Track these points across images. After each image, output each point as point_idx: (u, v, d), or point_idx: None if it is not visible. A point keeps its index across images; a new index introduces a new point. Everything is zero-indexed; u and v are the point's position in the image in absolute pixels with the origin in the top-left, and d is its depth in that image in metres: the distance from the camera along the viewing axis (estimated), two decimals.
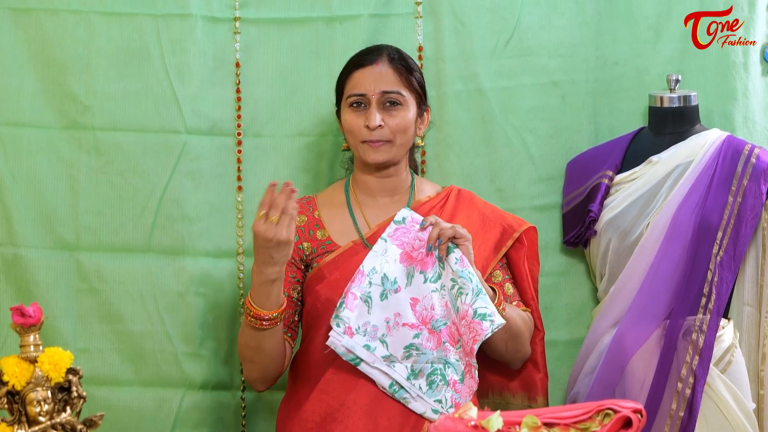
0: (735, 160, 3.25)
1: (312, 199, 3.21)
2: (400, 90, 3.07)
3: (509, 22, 3.46)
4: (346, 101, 3.09)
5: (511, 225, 3.18)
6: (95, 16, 3.37)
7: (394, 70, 3.08)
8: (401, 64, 3.11)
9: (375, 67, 3.08)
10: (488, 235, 3.15)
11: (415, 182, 3.20)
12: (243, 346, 3.03)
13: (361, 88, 3.06)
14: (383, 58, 3.10)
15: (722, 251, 3.19)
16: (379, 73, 3.07)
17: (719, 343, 3.19)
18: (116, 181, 3.38)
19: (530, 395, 3.24)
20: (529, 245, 3.20)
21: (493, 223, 3.17)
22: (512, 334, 3.05)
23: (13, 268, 3.37)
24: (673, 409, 3.16)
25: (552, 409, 2.39)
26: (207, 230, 3.40)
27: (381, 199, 3.16)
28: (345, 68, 3.15)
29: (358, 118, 3.06)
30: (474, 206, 3.19)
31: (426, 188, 3.23)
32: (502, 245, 3.15)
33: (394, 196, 3.16)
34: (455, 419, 2.37)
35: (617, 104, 3.51)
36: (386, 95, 3.05)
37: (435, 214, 3.11)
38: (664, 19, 3.48)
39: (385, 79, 3.06)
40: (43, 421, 2.53)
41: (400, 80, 3.08)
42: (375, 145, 3.06)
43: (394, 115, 3.06)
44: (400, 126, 3.06)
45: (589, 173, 3.41)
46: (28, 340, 2.55)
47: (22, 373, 2.52)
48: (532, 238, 3.21)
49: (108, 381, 3.37)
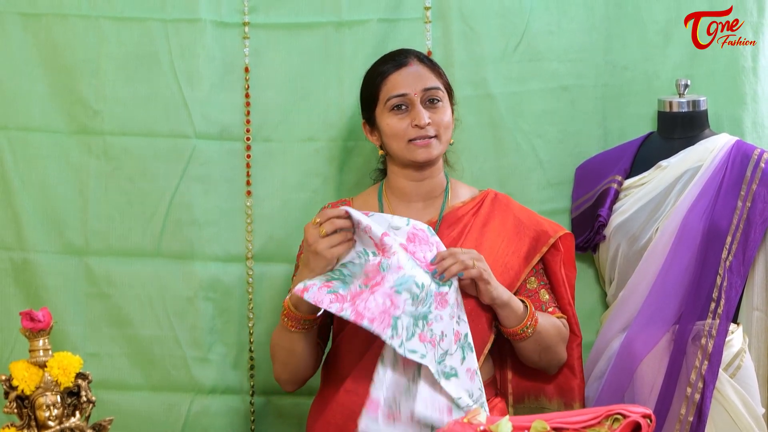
0: (744, 165, 3.24)
1: (348, 202, 3.20)
2: (438, 85, 3.06)
3: (518, 27, 3.46)
4: (386, 105, 3.05)
5: (546, 231, 3.14)
6: (105, 21, 3.37)
7: (428, 67, 3.08)
8: (431, 62, 3.11)
9: (410, 68, 3.06)
10: (521, 242, 3.10)
11: (449, 186, 3.18)
12: (276, 346, 3.02)
13: (401, 88, 3.04)
14: (413, 58, 3.09)
15: (731, 256, 3.19)
16: (417, 72, 3.06)
17: (728, 348, 3.19)
18: (125, 185, 3.39)
19: (566, 401, 3.20)
20: (565, 251, 3.16)
21: (528, 229, 3.13)
22: (545, 345, 3.03)
23: (22, 272, 3.38)
24: (683, 414, 3.15)
25: (561, 414, 2.39)
26: (216, 235, 3.41)
27: (415, 204, 3.13)
28: (373, 76, 3.10)
29: (402, 120, 3.04)
30: (510, 211, 3.15)
31: (461, 192, 3.19)
32: (536, 252, 3.11)
33: (428, 200, 3.14)
34: (464, 424, 2.37)
35: (626, 109, 3.51)
36: (428, 92, 3.04)
37: (468, 219, 3.10)
38: (673, 23, 3.48)
39: (423, 77, 3.05)
40: (52, 425, 2.53)
41: (436, 76, 3.08)
42: (423, 143, 3.03)
43: (437, 111, 3.04)
44: (444, 121, 3.05)
45: (598, 178, 3.41)
46: (37, 344, 2.55)
47: (31, 377, 2.53)
48: (568, 244, 3.17)
49: (117, 385, 3.38)
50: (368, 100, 3.12)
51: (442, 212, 3.11)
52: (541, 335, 2.99)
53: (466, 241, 3.05)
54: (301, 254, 3.08)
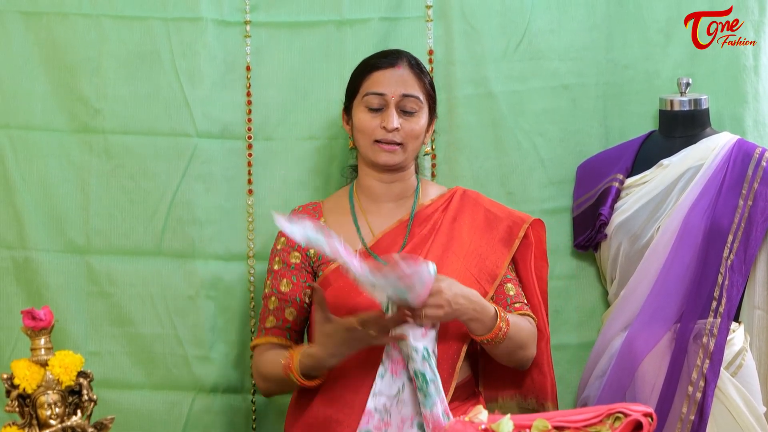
0: (745, 164, 3.24)
1: (318, 205, 3.21)
2: (418, 95, 3.07)
3: (520, 26, 3.46)
4: (362, 100, 3.08)
5: (520, 217, 3.16)
6: (106, 20, 3.37)
7: (415, 75, 3.09)
8: (420, 71, 3.11)
9: (396, 70, 3.08)
10: (494, 231, 3.12)
11: (420, 186, 3.20)
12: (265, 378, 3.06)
13: (381, 87, 3.06)
14: (403, 62, 3.10)
15: (733, 255, 3.19)
16: (401, 76, 3.07)
17: (730, 347, 3.19)
18: (127, 184, 3.39)
19: (539, 399, 3.22)
20: (536, 242, 3.17)
21: (499, 219, 3.14)
22: (516, 348, 3.03)
23: (24, 271, 3.38)
24: (684, 413, 3.15)
25: (562, 413, 2.39)
26: (218, 233, 3.41)
27: (386, 205, 3.15)
28: (362, 67, 3.14)
29: (374, 119, 3.05)
30: (479, 205, 3.17)
31: (431, 191, 3.21)
32: (513, 238, 3.12)
33: (398, 200, 3.16)
34: (465, 423, 2.36)
35: (627, 107, 3.51)
36: (405, 99, 3.05)
37: (438, 216, 3.11)
38: (674, 22, 3.48)
39: (406, 83, 3.07)
40: (53, 424, 2.53)
41: (419, 85, 3.08)
42: (388, 147, 3.06)
43: (410, 120, 3.05)
44: (413, 132, 3.06)
45: (599, 176, 3.41)
46: (38, 343, 2.55)
47: (32, 376, 2.53)
48: (539, 234, 3.18)
49: (119, 384, 3.38)
50: (351, 89, 3.15)
51: (413, 212, 3.11)
52: (512, 340, 2.98)
53: (437, 238, 3.07)
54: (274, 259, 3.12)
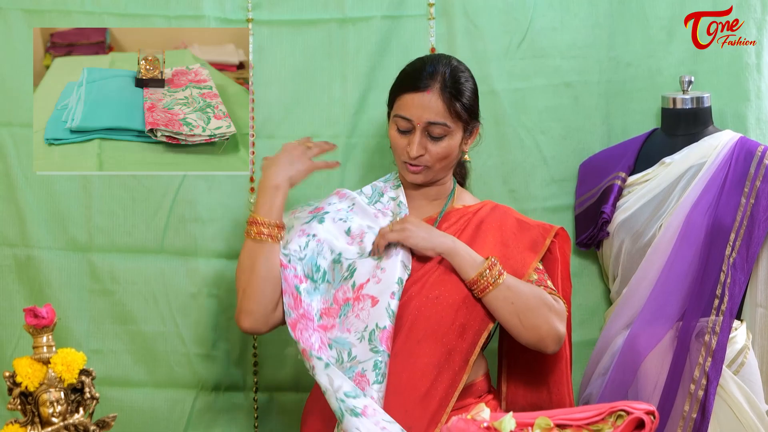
0: (748, 162, 3.24)
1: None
2: (446, 122, 3.00)
3: (522, 24, 3.46)
4: (393, 119, 3.05)
5: (549, 225, 3.12)
6: (109, 18, 3.37)
7: (444, 100, 3.00)
8: (452, 92, 3.01)
9: (425, 95, 2.99)
10: (522, 238, 3.08)
11: (455, 191, 3.18)
12: (239, 271, 3.03)
13: (407, 112, 3.01)
14: (436, 84, 3.00)
15: (735, 253, 3.19)
16: (428, 103, 2.99)
17: (732, 345, 3.19)
18: (129, 182, 3.39)
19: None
20: (562, 259, 3.12)
21: (529, 226, 3.11)
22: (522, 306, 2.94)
23: (26, 269, 3.38)
24: (686, 411, 3.15)
25: (565, 411, 2.39)
26: (220, 231, 3.41)
27: (418, 201, 3.14)
28: (398, 82, 3.08)
29: (402, 139, 3.03)
30: (509, 215, 3.13)
31: (465, 198, 3.19)
32: (540, 245, 3.08)
33: (432, 201, 3.15)
34: (468, 420, 2.37)
35: (630, 105, 3.51)
36: (431, 126, 2.99)
37: (465, 219, 3.09)
38: (676, 20, 3.48)
39: (433, 111, 2.99)
40: (56, 422, 2.54)
41: (449, 112, 3.00)
42: (413, 169, 3.05)
43: (438, 143, 3.01)
44: (440, 155, 3.02)
45: (601, 174, 3.41)
46: (41, 341, 2.56)
47: (35, 374, 2.53)
48: (564, 250, 3.13)
49: (121, 382, 3.38)
50: (389, 98, 3.11)
51: (443, 211, 3.11)
52: (512, 291, 2.93)
53: (462, 237, 3.04)
54: None
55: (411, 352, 2.94)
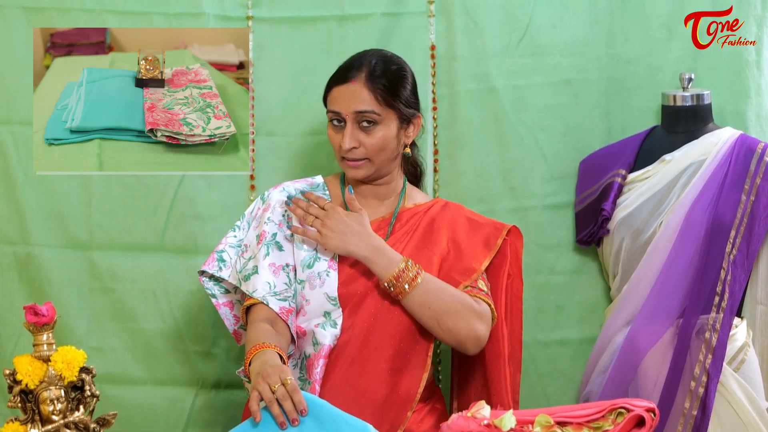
0: (748, 159, 3.24)
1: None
2: (374, 110, 2.95)
3: (522, 21, 3.46)
4: (328, 116, 3.01)
5: (501, 223, 3.09)
6: (108, 15, 3.38)
7: (369, 89, 2.95)
8: (380, 82, 2.97)
9: (350, 86, 2.96)
10: (475, 235, 3.06)
11: (406, 190, 3.14)
12: None
13: (336, 105, 2.97)
14: (361, 74, 2.97)
15: (735, 250, 3.19)
16: (353, 93, 2.95)
17: (732, 342, 3.19)
18: (129, 180, 3.39)
19: None
20: (512, 257, 3.09)
21: (480, 224, 3.08)
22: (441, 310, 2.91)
23: (26, 267, 3.39)
24: (687, 408, 3.15)
25: (565, 408, 2.39)
26: (220, 229, 3.40)
27: (370, 200, 3.10)
28: (330, 79, 3.05)
29: (337, 135, 2.99)
30: (460, 213, 3.11)
31: (416, 197, 3.16)
32: (494, 242, 3.05)
33: (383, 200, 3.11)
34: (468, 418, 2.37)
35: (630, 103, 3.51)
36: (360, 115, 2.95)
37: (417, 218, 3.07)
38: (676, 17, 3.48)
39: (358, 99, 2.95)
40: (56, 419, 2.54)
41: (376, 99, 2.95)
42: (352, 164, 2.99)
43: (371, 133, 2.96)
44: (376, 145, 2.97)
45: (601, 172, 3.41)
46: (41, 339, 2.56)
47: (35, 372, 2.53)
48: (516, 248, 3.10)
49: (121, 380, 3.39)
50: (323, 97, 3.06)
51: (396, 211, 3.09)
52: (429, 296, 2.90)
53: (415, 235, 3.04)
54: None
55: (368, 358, 2.93)
